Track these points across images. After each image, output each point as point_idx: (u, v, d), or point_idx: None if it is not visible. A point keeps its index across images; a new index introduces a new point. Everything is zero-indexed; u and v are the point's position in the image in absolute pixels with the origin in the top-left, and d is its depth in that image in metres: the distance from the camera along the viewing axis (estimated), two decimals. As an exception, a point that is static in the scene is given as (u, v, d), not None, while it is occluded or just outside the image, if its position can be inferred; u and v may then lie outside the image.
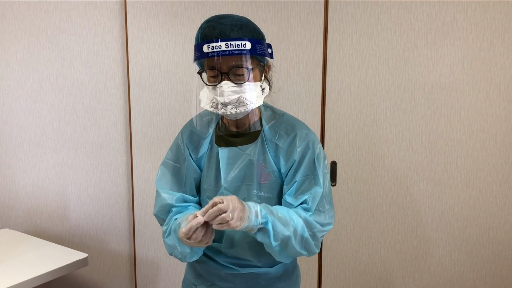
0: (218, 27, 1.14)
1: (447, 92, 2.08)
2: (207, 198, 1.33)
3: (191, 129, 1.34)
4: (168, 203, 1.32)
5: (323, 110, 2.15)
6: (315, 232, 1.24)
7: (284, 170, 1.29)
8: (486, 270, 2.19)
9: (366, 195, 2.19)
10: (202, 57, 1.15)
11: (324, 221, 1.27)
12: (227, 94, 1.16)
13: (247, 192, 1.30)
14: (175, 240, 1.24)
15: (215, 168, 1.31)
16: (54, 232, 2.39)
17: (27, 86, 2.28)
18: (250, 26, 1.19)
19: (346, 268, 2.25)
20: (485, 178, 2.12)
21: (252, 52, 1.16)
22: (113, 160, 2.32)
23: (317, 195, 1.25)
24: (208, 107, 1.21)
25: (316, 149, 1.29)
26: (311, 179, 1.27)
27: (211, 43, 1.13)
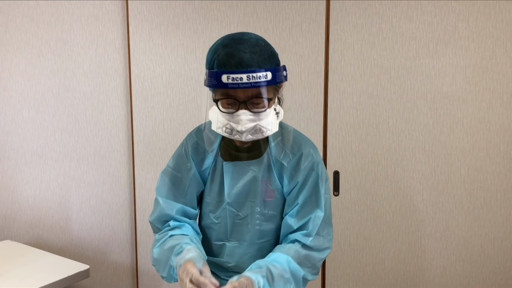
0: (237, 55, 1.09)
1: (450, 101, 2.07)
2: (209, 212, 1.32)
3: (197, 140, 1.31)
4: (167, 213, 1.30)
5: (325, 119, 2.15)
6: (315, 263, 1.28)
7: (287, 190, 1.30)
8: (492, 281, 2.16)
9: (369, 205, 2.17)
10: (221, 87, 1.11)
11: (323, 246, 1.29)
12: (245, 122, 1.13)
13: (251, 209, 1.30)
14: (164, 260, 1.24)
15: (219, 182, 1.30)
16: (56, 243, 2.38)
17: (30, 97, 2.29)
18: (268, 50, 1.15)
19: (349, 279, 2.23)
20: (489, 188, 2.10)
21: (272, 82, 1.12)
22: (115, 171, 2.31)
23: (317, 219, 1.27)
24: (220, 131, 1.18)
25: (320, 171, 1.29)
26: (313, 201, 1.28)
27: (231, 74, 1.08)
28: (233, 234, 1.33)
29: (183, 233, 1.28)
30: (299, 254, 1.25)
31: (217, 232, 1.34)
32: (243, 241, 1.33)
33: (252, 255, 1.34)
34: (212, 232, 1.35)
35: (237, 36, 1.14)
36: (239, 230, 1.32)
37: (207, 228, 1.36)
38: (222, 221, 1.32)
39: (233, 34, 1.18)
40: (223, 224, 1.33)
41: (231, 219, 1.31)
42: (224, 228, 1.33)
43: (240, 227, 1.32)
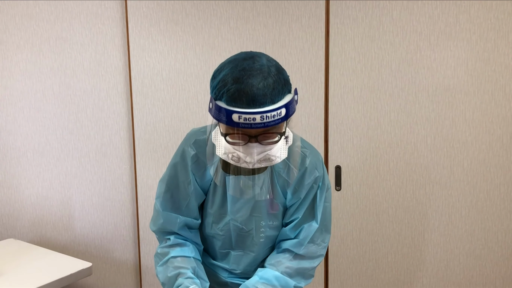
0: (249, 92, 1.01)
1: (451, 94, 2.05)
2: (213, 223, 1.31)
3: (197, 153, 1.24)
4: (169, 228, 1.28)
5: (326, 114, 2.14)
6: (307, 273, 1.29)
7: (289, 204, 1.29)
8: (496, 274, 2.15)
9: (371, 200, 2.16)
10: (231, 125, 1.03)
11: (315, 254, 1.30)
12: (254, 155, 1.08)
13: (255, 223, 1.29)
14: (167, 280, 1.23)
15: (221, 195, 1.27)
16: (59, 241, 2.39)
17: (30, 95, 2.29)
18: (282, 79, 1.07)
19: (352, 274, 2.22)
20: (492, 180, 2.09)
21: (286, 117, 1.06)
22: (116, 169, 2.31)
23: (311, 231, 1.27)
24: (226, 157, 1.12)
25: (321, 183, 1.28)
26: (311, 213, 1.28)
27: (243, 114, 1.01)
28: (238, 244, 1.33)
29: (185, 255, 1.25)
30: (291, 268, 1.26)
31: (222, 242, 1.33)
32: (249, 251, 1.33)
33: (258, 262, 1.35)
34: (217, 242, 1.34)
35: (248, 66, 1.04)
36: (244, 241, 1.32)
37: (211, 237, 1.34)
38: (227, 233, 1.31)
39: (242, 60, 1.07)
40: (227, 236, 1.32)
41: (236, 231, 1.30)
42: (228, 239, 1.32)
43: (245, 238, 1.32)
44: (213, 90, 1.08)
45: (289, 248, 1.28)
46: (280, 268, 1.25)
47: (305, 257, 1.28)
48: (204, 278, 1.26)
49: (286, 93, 1.08)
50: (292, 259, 1.27)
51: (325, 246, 1.32)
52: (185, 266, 1.23)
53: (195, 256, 1.28)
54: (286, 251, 1.28)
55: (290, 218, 1.30)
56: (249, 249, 1.32)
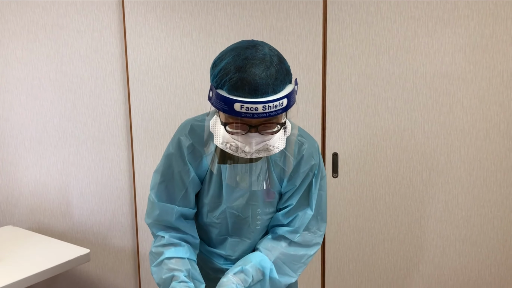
0: (252, 81, 1.01)
1: (449, 81, 2.05)
2: (208, 212, 1.30)
3: (193, 143, 1.24)
4: (166, 219, 1.27)
5: (323, 101, 2.14)
6: (303, 261, 1.30)
7: (284, 190, 1.29)
8: (491, 260, 2.17)
9: (368, 186, 2.17)
10: (233, 114, 1.03)
11: (311, 242, 1.30)
12: (254, 145, 1.07)
13: (251, 211, 1.29)
14: (162, 282, 1.23)
15: (217, 185, 1.26)
16: (57, 228, 2.40)
17: (27, 83, 2.28)
18: (283, 69, 1.06)
19: (349, 260, 2.24)
20: (489, 167, 2.09)
21: (287, 108, 1.05)
22: (114, 156, 2.31)
23: (306, 218, 1.28)
24: (224, 147, 1.12)
25: (317, 171, 1.28)
26: (305, 200, 1.29)
27: (246, 104, 1.00)
28: (235, 232, 1.33)
29: (179, 256, 1.24)
30: (285, 255, 1.27)
31: (218, 230, 1.33)
32: (246, 238, 1.33)
33: (253, 248, 1.36)
34: (213, 229, 1.34)
35: (251, 55, 1.03)
36: (240, 228, 1.32)
37: (207, 226, 1.34)
38: (223, 221, 1.31)
39: (245, 48, 1.05)
40: (224, 224, 1.32)
41: (232, 219, 1.30)
42: (225, 226, 1.32)
43: (242, 226, 1.32)
44: (214, 78, 1.06)
45: (284, 235, 1.28)
46: (275, 254, 1.26)
47: (301, 244, 1.29)
48: (199, 280, 1.26)
49: (287, 83, 1.08)
50: (287, 246, 1.28)
51: (321, 235, 1.32)
52: (179, 269, 1.22)
53: (189, 257, 1.27)
54: (282, 238, 1.29)
55: (284, 204, 1.30)
56: (245, 236, 1.33)
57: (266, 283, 1.24)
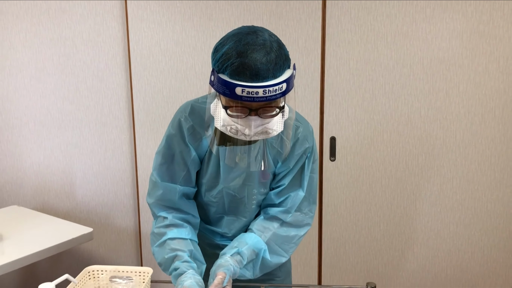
0: (253, 66, 1.04)
1: (446, 66, 2.08)
2: (206, 191, 1.35)
3: (193, 124, 1.27)
4: (169, 198, 1.31)
5: (322, 86, 2.17)
6: (294, 242, 1.35)
7: (277, 171, 1.34)
8: (484, 242, 2.22)
9: (365, 170, 2.21)
10: (234, 98, 1.06)
11: (302, 222, 1.35)
12: (253, 127, 1.11)
13: (247, 191, 1.33)
14: (167, 268, 1.27)
15: (215, 166, 1.30)
16: (61, 208, 2.46)
17: (31, 66, 2.32)
18: (282, 54, 1.09)
19: (345, 241, 2.29)
20: (483, 152, 2.13)
21: (286, 92, 1.09)
22: (116, 138, 2.36)
23: (297, 198, 1.32)
24: (224, 129, 1.15)
25: (310, 154, 1.33)
26: (297, 181, 1.33)
27: (247, 88, 1.04)
28: (231, 210, 1.38)
29: (182, 237, 1.28)
30: (277, 236, 1.31)
31: (215, 208, 1.38)
32: (242, 216, 1.38)
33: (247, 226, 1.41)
34: (211, 208, 1.39)
35: (252, 40, 1.07)
36: (237, 207, 1.37)
37: (205, 205, 1.39)
38: (220, 200, 1.36)
39: (246, 34, 1.08)
40: (221, 203, 1.36)
41: (228, 198, 1.35)
42: (222, 205, 1.37)
43: (238, 205, 1.36)
44: (215, 63, 1.09)
45: (276, 215, 1.33)
46: (268, 235, 1.30)
47: (292, 225, 1.33)
48: (201, 260, 1.30)
49: (286, 68, 1.11)
50: (279, 226, 1.32)
51: (311, 216, 1.37)
52: (182, 249, 1.26)
53: (191, 238, 1.31)
54: (274, 219, 1.33)
55: (276, 184, 1.34)
56: (241, 214, 1.38)
57: (258, 263, 1.29)
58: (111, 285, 1.27)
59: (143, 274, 1.28)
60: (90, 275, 1.29)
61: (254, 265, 1.29)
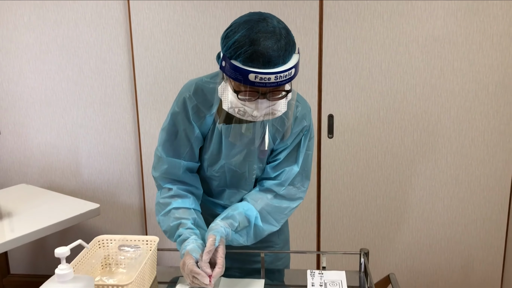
0: (266, 53, 1.10)
1: (441, 44, 2.13)
2: (208, 166, 1.42)
3: (197, 103, 1.33)
4: (174, 172, 1.38)
5: (320, 64, 2.22)
6: (285, 213, 1.41)
7: (275, 147, 1.41)
8: (477, 215, 2.29)
9: (362, 146, 2.28)
10: (247, 84, 1.12)
11: (295, 196, 1.42)
12: (261, 110, 1.18)
13: (248, 166, 1.40)
14: (172, 235, 1.35)
15: (217, 142, 1.37)
16: (68, 187, 2.54)
17: (35, 48, 2.37)
18: (290, 41, 1.15)
19: (343, 215, 2.37)
20: (477, 127, 2.19)
21: (294, 77, 1.17)
22: (120, 118, 2.42)
23: (292, 173, 1.39)
24: (232, 111, 1.22)
25: (307, 132, 1.39)
26: (293, 157, 1.40)
27: (260, 74, 1.10)
28: (232, 184, 1.45)
29: (186, 206, 1.37)
30: (270, 206, 1.38)
31: (217, 182, 1.45)
32: (242, 189, 1.45)
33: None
34: (213, 182, 1.46)
35: (263, 28, 1.12)
36: (238, 181, 1.44)
37: (208, 178, 1.46)
38: (222, 175, 1.43)
39: (256, 21, 1.13)
40: (223, 177, 1.43)
41: (230, 173, 1.42)
42: (223, 179, 1.44)
43: (239, 179, 1.43)
44: (227, 49, 1.15)
45: (271, 188, 1.40)
46: (261, 204, 1.38)
47: (285, 197, 1.41)
48: (203, 228, 1.38)
49: (293, 53, 1.18)
50: (272, 198, 1.40)
51: (304, 190, 1.44)
52: (186, 217, 1.34)
53: (195, 208, 1.39)
54: (268, 191, 1.41)
55: (273, 158, 1.42)
56: (242, 187, 1.45)
57: (251, 230, 1.37)
58: (120, 253, 1.35)
59: (150, 243, 1.36)
60: (100, 244, 1.37)
61: (248, 231, 1.36)
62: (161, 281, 1.38)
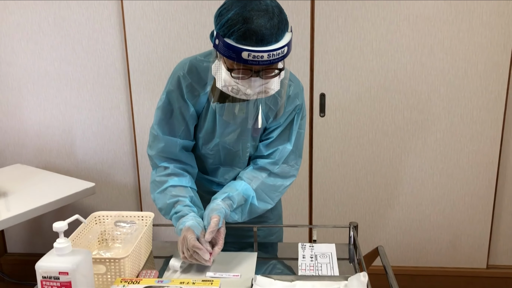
0: (259, 32, 1.11)
1: (431, 23, 2.15)
2: (203, 145, 1.44)
3: (191, 82, 1.34)
4: (170, 151, 1.40)
5: (311, 43, 2.24)
6: (279, 191, 1.45)
7: (268, 126, 1.43)
8: (465, 191, 2.35)
9: (353, 124, 2.31)
10: (240, 62, 1.14)
11: (288, 173, 1.45)
12: (255, 88, 1.20)
13: (242, 145, 1.43)
14: (167, 212, 1.38)
15: (211, 121, 1.39)
16: (63, 167, 2.56)
17: (27, 27, 2.36)
18: (283, 19, 1.16)
19: (334, 192, 2.42)
20: (466, 105, 2.23)
21: (287, 55, 1.18)
22: (113, 98, 2.43)
23: (285, 151, 1.42)
24: (226, 89, 1.23)
25: (299, 110, 1.42)
26: (286, 135, 1.43)
27: (253, 52, 1.11)
28: (227, 162, 1.48)
29: (182, 185, 1.39)
30: (265, 184, 1.42)
31: (212, 160, 1.48)
32: (236, 167, 1.48)
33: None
34: (208, 160, 1.49)
35: (256, 6, 1.13)
36: (232, 159, 1.47)
37: (203, 156, 1.49)
38: (216, 153, 1.46)
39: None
40: (217, 155, 1.46)
41: (224, 151, 1.45)
42: (218, 157, 1.47)
43: (233, 157, 1.46)
44: (220, 27, 1.16)
45: (265, 166, 1.44)
46: (256, 183, 1.41)
47: (279, 175, 1.44)
48: (199, 206, 1.41)
49: (286, 32, 1.19)
50: (267, 176, 1.43)
51: (297, 168, 1.48)
52: (183, 195, 1.37)
53: (191, 186, 1.42)
54: (262, 169, 1.44)
55: (266, 136, 1.45)
56: (236, 165, 1.48)
57: (246, 208, 1.41)
58: (116, 229, 1.39)
59: (146, 218, 1.40)
60: (96, 220, 1.40)
61: (243, 209, 1.40)
62: (157, 256, 1.43)
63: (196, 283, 1.12)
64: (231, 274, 1.27)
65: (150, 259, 1.39)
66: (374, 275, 1.33)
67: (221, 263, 1.33)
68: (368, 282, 1.13)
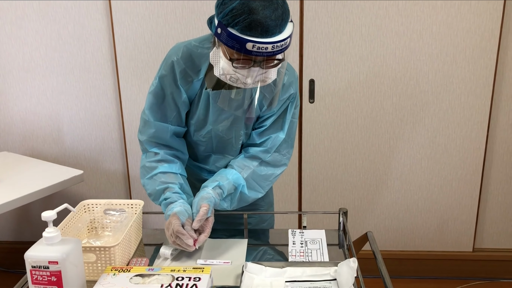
0: (264, 23, 1.10)
1: (420, 8, 2.14)
2: (195, 131, 1.43)
3: (185, 68, 1.32)
4: (161, 136, 1.39)
5: (301, 29, 2.22)
6: (270, 180, 1.45)
7: (261, 114, 1.42)
8: (453, 176, 2.38)
9: (342, 110, 2.32)
10: (245, 52, 1.13)
11: (280, 162, 1.46)
12: (254, 77, 1.19)
13: (235, 133, 1.42)
14: (157, 198, 1.37)
15: (204, 108, 1.38)
16: (50, 154, 2.53)
17: (11, 13, 2.31)
18: (286, 9, 1.15)
19: (324, 178, 2.43)
20: (454, 90, 2.25)
21: (289, 45, 1.17)
22: (101, 84, 2.40)
23: (278, 140, 1.42)
24: (224, 78, 1.23)
25: (293, 99, 1.41)
26: (279, 124, 1.42)
27: (257, 44, 1.11)
28: (219, 149, 1.47)
29: (172, 171, 1.38)
30: (256, 173, 1.42)
31: (204, 147, 1.47)
32: (228, 155, 1.48)
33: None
34: (199, 147, 1.48)
35: None
36: (224, 147, 1.46)
37: (194, 143, 1.48)
38: (208, 140, 1.45)
39: None
40: (209, 142, 1.45)
41: (216, 139, 1.44)
42: (210, 145, 1.46)
43: (225, 145, 1.46)
44: (223, 16, 1.14)
45: (256, 154, 1.43)
46: (247, 172, 1.41)
47: (270, 164, 1.44)
48: (189, 193, 1.41)
49: (288, 23, 1.18)
50: (258, 165, 1.43)
51: (288, 157, 1.48)
52: (173, 182, 1.37)
53: (181, 173, 1.41)
54: (254, 158, 1.44)
55: (259, 125, 1.44)
56: (228, 153, 1.48)
57: (236, 196, 1.41)
58: (105, 217, 1.38)
59: (135, 206, 1.39)
60: (85, 208, 1.39)
61: (232, 198, 1.41)
62: (147, 243, 1.42)
63: (187, 271, 1.12)
64: (222, 261, 1.28)
65: (140, 247, 1.39)
66: (363, 260, 1.34)
67: (211, 250, 1.33)
68: (357, 267, 1.15)
